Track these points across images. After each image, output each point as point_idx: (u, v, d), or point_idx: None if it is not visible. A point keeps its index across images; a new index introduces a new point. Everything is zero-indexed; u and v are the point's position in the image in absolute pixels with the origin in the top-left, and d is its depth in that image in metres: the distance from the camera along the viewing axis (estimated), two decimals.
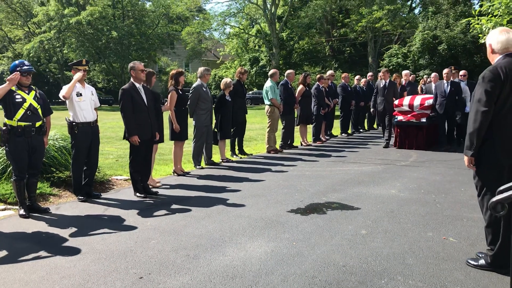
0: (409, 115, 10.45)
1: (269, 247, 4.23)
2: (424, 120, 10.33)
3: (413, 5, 39.35)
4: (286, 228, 4.77)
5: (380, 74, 11.31)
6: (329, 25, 39.65)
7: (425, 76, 17.06)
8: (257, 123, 18.66)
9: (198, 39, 41.46)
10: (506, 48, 3.47)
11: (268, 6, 37.41)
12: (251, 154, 10.13)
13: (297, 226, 4.85)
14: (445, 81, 10.10)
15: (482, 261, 3.65)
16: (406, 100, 10.65)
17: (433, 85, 10.78)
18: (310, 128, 12.18)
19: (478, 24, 7.14)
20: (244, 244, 4.31)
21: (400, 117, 10.62)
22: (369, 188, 6.59)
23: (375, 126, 15.52)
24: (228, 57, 46.97)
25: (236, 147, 9.91)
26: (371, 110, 11.96)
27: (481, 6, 7.55)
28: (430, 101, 10.33)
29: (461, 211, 5.33)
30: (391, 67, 31.08)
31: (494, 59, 3.55)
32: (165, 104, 7.08)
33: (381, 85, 11.06)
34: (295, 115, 11.29)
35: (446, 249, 4.10)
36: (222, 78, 38.80)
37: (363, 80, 14.92)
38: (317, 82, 11.98)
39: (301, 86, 11.26)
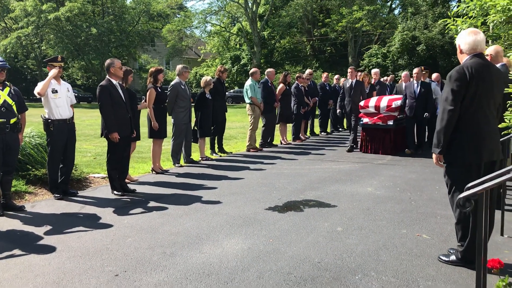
0: (375, 117, 9.73)
1: (246, 244, 4.25)
2: (391, 122, 9.60)
3: (393, 6, 39.88)
4: (263, 226, 4.80)
5: (348, 73, 10.55)
6: (310, 25, 39.85)
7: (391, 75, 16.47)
8: (237, 121, 18.67)
9: (179, 36, 41.26)
10: (473, 48, 3.56)
11: (250, 4, 37.42)
12: (231, 153, 10.14)
13: (274, 223, 4.89)
14: (415, 81, 9.54)
15: (453, 257, 3.74)
16: (372, 101, 9.91)
17: (403, 84, 10.31)
18: (290, 126, 12.24)
19: (453, 25, 7.26)
20: (221, 242, 4.33)
21: (365, 119, 9.90)
22: (346, 186, 6.67)
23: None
24: (209, 55, 46.83)
25: (216, 146, 9.90)
26: (338, 111, 11.29)
27: (458, 7, 7.68)
28: (398, 103, 9.67)
29: (435, 208, 5.44)
30: (370, 67, 31.40)
31: (463, 59, 3.64)
32: (142, 102, 7.03)
33: (348, 85, 10.41)
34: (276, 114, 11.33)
35: (420, 246, 4.18)
36: (203, 76, 38.68)
37: (342, 79, 15.05)
38: (296, 81, 12.04)
39: (281, 85, 11.31)
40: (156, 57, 47.92)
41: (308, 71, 13.54)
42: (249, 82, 10.26)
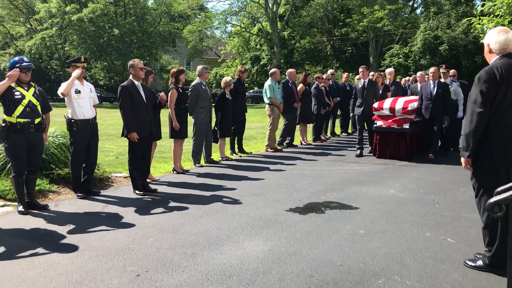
0: (390, 120, 8.98)
1: (266, 246, 4.22)
2: (406, 126, 8.87)
3: (415, 5, 39.32)
4: (284, 227, 4.76)
5: (360, 72, 9.71)
6: (331, 25, 39.62)
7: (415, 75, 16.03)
8: (257, 121, 18.65)
9: (199, 37, 41.42)
10: (503, 48, 3.45)
11: (270, 5, 37.38)
12: (251, 153, 10.13)
13: (295, 225, 4.85)
14: (431, 82, 8.83)
15: (480, 262, 3.64)
16: (387, 103, 9.15)
17: (418, 85, 9.53)
18: (310, 127, 12.17)
19: (479, 24, 7.10)
20: (242, 243, 4.31)
21: (379, 122, 9.16)
22: (368, 188, 6.58)
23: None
24: (229, 56, 46.94)
25: (236, 146, 9.90)
26: (351, 115, 10.41)
27: (483, 6, 7.49)
28: (415, 105, 8.96)
29: (460, 211, 5.33)
30: (392, 66, 31.06)
31: (491, 59, 3.53)
32: (160, 94, 7.00)
33: (360, 86, 9.54)
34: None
35: (444, 250, 4.09)
36: (223, 76, 38.84)
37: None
38: (316, 82, 11.96)
39: (301, 85, 11.25)
40: (177, 58, 48.24)
41: (330, 71, 13.45)
42: (268, 82, 10.24)
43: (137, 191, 6.32)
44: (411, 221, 4.98)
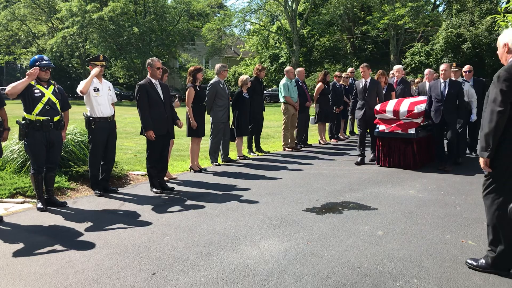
0: (393, 125, 7.93)
1: (283, 246, 4.18)
2: (412, 131, 7.78)
3: (437, 2, 38.72)
4: (301, 227, 4.72)
5: (361, 71, 8.79)
6: (351, 22, 39.32)
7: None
8: (275, 120, 18.59)
9: (218, 35, 41.56)
10: None
11: (289, 2, 37.25)
12: (268, 152, 10.09)
13: (312, 225, 4.80)
14: (442, 80, 7.65)
15: (482, 261, 3.59)
16: (390, 104, 8.08)
17: (427, 84, 8.54)
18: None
19: (504, 21, 6.92)
20: (258, 243, 4.28)
21: (382, 127, 8.13)
22: (387, 188, 6.49)
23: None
24: (248, 54, 46.96)
25: (253, 144, 9.87)
26: (349, 117, 9.36)
27: (508, 2, 7.28)
28: (422, 107, 7.91)
29: (481, 213, 5.18)
30: (413, 65, 30.68)
31: (509, 58, 3.44)
32: (175, 101, 7.03)
33: (361, 86, 8.57)
34: (312, 113, 11.19)
35: (465, 253, 3.99)
36: (241, 74, 38.93)
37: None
38: (334, 80, 11.83)
39: (320, 84, 11.16)
40: (195, 56, 48.49)
41: (349, 69, 13.30)
42: (283, 81, 10.18)
43: (154, 189, 6.35)
44: (430, 222, 4.88)
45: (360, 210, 5.37)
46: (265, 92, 36.22)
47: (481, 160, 3.50)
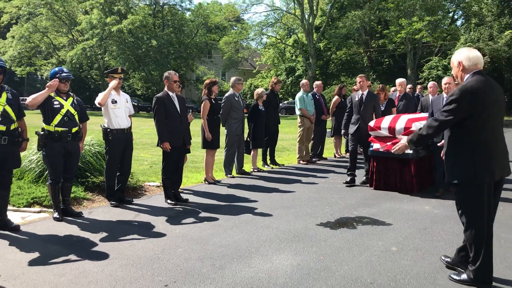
0: (388, 143, 7.08)
1: (295, 260, 4.17)
2: (409, 151, 6.85)
3: (455, 16, 38.56)
4: (314, 242, 4.70)
5: (357, 82, 8.07)
6: (368, 36, 39.30)
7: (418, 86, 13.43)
8: (290, 133, 18.57)
9: (235, 48, 41.89)
10: (475, 65, 3.55)
11: (306, 16, 37.44)
12: (283, 165, 10.08)
13: (326, 240, 4.77)
14: (445, 95, 6.86)
15: (464, 276, 3.66)
16: (386, 121, 7.32)
17: (429, 98, 7.77)
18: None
19: None
20: (271, 256, 4.27)
21: (376, 145, 7.40)
22: (402, 204, 6.43)
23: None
24: (265, 67, 47.19)
25: (268, 157, 9.89)
26: (342, 132, 8.65)
27: None
28: (421, 124, 6.80)
29: (498, 231, 5.09)
30: (430, 79, 30.48)
31: (464, 77, 3.59)
32: (189, 114, 7.05)
33: (356, 99, 7.91)
34: (329, 126, 11.16)
35: None
36: (257, 87, 39.12)
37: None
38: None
39: (336, 97, 11.16)
40: (212, 69, 48.91)
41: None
42: (299, 94, 10.22)
43: (168, 201, 6.39)
44: (445, 239, 4.81)
45: (374, 225, 5.32)
46: (281, 104, 36.38)
47: (402, 144, 3.90)
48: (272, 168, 9.68)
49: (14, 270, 3.92)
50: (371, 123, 7.48)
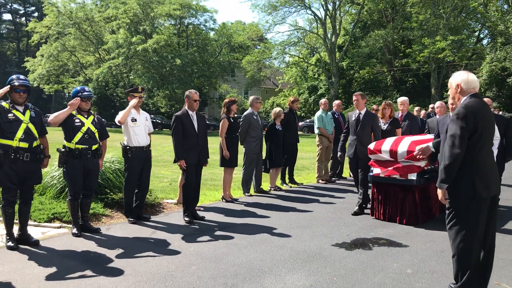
0: (390, 168, 6.47)
1: (308, 281, 4.14)
2: (413, 177, 6.26)
3: (481, 35, 38.11)
4: (328, 263, 4.66)
5: (354, 100, 7.46)
6: (391, 55, 39.14)
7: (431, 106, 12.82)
8: (310, 152, 18.51)
9: (257, 67, 42.25)
10: (473, 88, 3.68)
11: (329, 35, 37.60)
12: (301, 184, 10.06)
13: (340, 261, 4.73)
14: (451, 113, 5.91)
15: None
16: (387, 143, 6.60)
17: (436, 118, 7.17)
18: None
19: None
20: (284, 276, 4.25)
21: (376, 170, 6.70)
22: (420, 225, 6.32)
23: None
24: (287, 85, 47.36)
25: (287, 176, 9.88)
26: (338, 154, 8.31)
27: None
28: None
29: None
30: None
31: (462, 98, 3.70)
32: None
33: (353, 118, 7.33)
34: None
35: None
36: (279, 105, 39.25)
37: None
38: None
39: None
40: (235, 87, 49.37)
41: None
42: (318, 113, 10.27)
43: (186, 218, 6.42)
44: None
45: (390, 247, 5.25)
46: (302, 123, 36.37)
47: (439, 192, 3.66)
48: (291, 187, 9.66)
49: (31, 285, 4.01)
50: (371, 146, 6.79)
